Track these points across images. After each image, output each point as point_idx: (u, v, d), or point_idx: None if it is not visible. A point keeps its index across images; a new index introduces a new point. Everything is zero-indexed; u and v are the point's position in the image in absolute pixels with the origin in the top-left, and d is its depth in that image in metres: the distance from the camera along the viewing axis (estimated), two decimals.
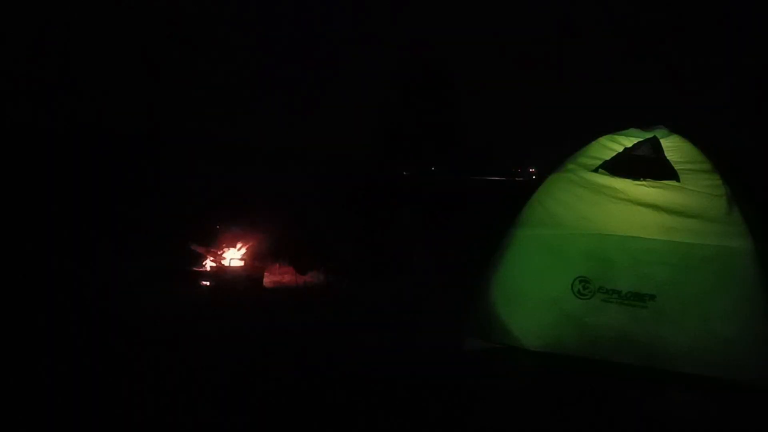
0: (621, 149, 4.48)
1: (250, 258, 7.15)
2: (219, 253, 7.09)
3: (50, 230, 7.78)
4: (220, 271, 6.80)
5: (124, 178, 10.06)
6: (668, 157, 4.34)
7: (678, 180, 4.24)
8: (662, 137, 4.43)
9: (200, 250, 7.07)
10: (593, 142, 4.59)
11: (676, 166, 4.29)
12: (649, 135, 4.45)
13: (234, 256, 7.07)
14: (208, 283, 6.69)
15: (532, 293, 4.37)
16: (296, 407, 3.52)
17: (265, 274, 7.04)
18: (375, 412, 3.49)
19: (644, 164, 4.36)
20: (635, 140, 4.47)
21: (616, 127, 4.61)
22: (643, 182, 4.29)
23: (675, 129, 4.48)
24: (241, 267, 6.96)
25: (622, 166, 4.40)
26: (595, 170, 4.44)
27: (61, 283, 6.12)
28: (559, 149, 4.81)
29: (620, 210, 4.30)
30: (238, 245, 7.17)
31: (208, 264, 7.01)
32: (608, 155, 4.48)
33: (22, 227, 7.69)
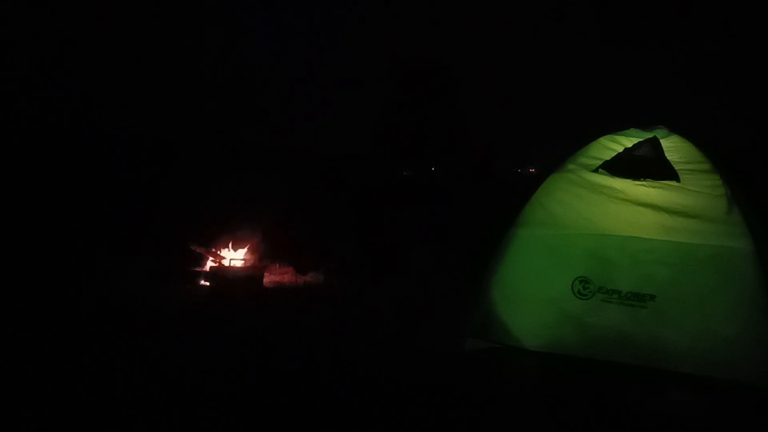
0: (621, 149, 4.48)
1: (250, 258, 7.16)
2: (219, 253, 7.10)
3: (51, 230, 7.78)
4: (220, 271, 6.80)
5: (124, 178, 10.06)
6: (668, 157, 4.35)
7: (678, 180, 4.24)
8: (662, 137, 4.43)
9: (200, 250, 7.08)
10: (593, 142, 4.59)
11: (676, 166, 4.29)
12: (649, 135, 4.45)
13: (234, 256, 7.08)
14: (208, 283, 6.69)
15: (532, 293, 4.37)
16: (296, 407, 3.52)
17: (265, 274, 7.04)
18: (375, 412, 3.49)
19: (644, 164, 4.36)
20: (635, 140, 4.47)
21: (616, 127, 4.61)
22: (643, 182, 4.28)
23: (675, 129, 4.48)
24: (241, 267, 6.97)
25: (622, 166, 4.40)
26: (595, 170, 4.44)
27: (61, 283, 6.12)
28: (559, 149, 4.81)
29: (620, 210, 4.30)
30: (238, 245, 7.18)
31: (208, 264, 7.01)
32: (608, 155, 4.48)
33: (22, 227, 7.70)
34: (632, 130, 4.53)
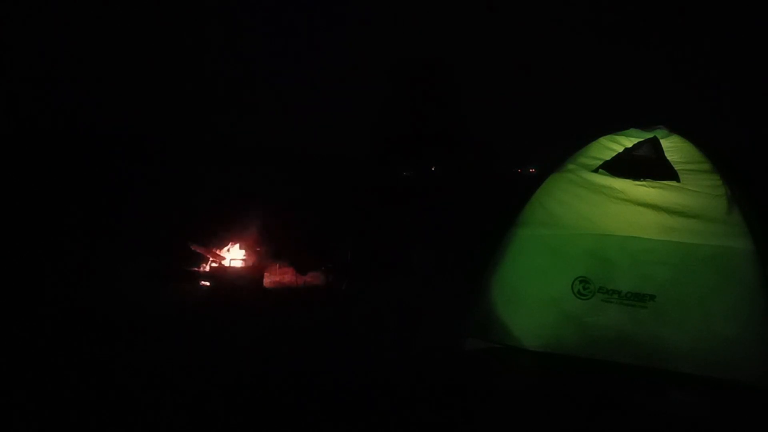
0: (621, 149, 4.48)
1: (250, 258, 7.16)
2: (219, 253, 7.09)
3: (50, 231, 7.78)
4: (220, 271, 6.80)
5: (124, 178, 10.06)
6: (668, 157, 4.35)
7: (678, 180, 4.24)
8: (662, 137, 4.43)
9: (200, 250, 7.07)
10: (593, 142, 4.60)
11: (676, 166, 4.29)
12: (649, 135, 4.45)
13: (234, 256, 7.08)
14: (208, 283, 6.69)
15: (532, 293, 4.37)
16: (296, 407, 3.52)
17: (265, 274, 7.03)
18: (375, 412, 3.49)
19: (644, 164, 4.36)
20: (635, 140, 4.48)
21: (616, 127, 4.61)
22: (643, 182, 4.29)
23: (675, 129, 4.48)
24: (241, 267, 6.97)
25: (622, 166, 4.40)
26: (595, 170, 4.44)
27: (61, 284, 6.11)
28: (559, 149, 4.81)
29: (620, 210, 4.30)
30: (238, 245, 7.17)
31: (209, 264, 7.01)
32: (608, 155, 4.48)
33: (21, 228, 7.69)
34: (632, 130, 4.53)
